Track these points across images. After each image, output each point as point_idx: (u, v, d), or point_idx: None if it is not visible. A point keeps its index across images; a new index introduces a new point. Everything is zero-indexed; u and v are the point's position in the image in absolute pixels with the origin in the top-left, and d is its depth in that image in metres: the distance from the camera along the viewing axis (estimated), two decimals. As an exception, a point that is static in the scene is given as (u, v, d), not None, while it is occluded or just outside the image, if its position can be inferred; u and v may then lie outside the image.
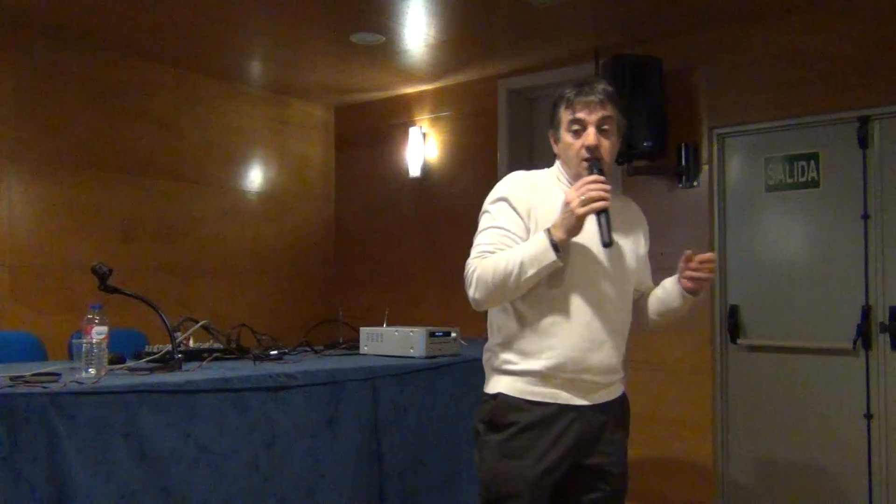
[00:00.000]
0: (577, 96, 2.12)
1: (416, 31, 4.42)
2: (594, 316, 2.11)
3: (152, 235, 4.93)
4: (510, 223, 2.11)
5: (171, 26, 4.35)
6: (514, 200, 2.13)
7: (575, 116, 2.12)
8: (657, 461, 4.49)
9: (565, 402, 2.11)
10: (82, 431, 1.96)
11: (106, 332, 2.28)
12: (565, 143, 2.16)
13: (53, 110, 4.50)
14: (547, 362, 2.09)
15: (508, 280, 2.00)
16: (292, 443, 2.47)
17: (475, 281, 2.06)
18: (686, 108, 4.44)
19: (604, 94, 2.12)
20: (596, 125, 2.11)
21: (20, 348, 3.50)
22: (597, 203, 1.96)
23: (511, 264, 2.00)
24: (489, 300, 2.09)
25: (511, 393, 2.13)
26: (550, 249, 1.98)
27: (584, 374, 2.11)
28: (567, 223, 1.98)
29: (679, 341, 4.43)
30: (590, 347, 2.10)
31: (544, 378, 2.10)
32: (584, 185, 1.98)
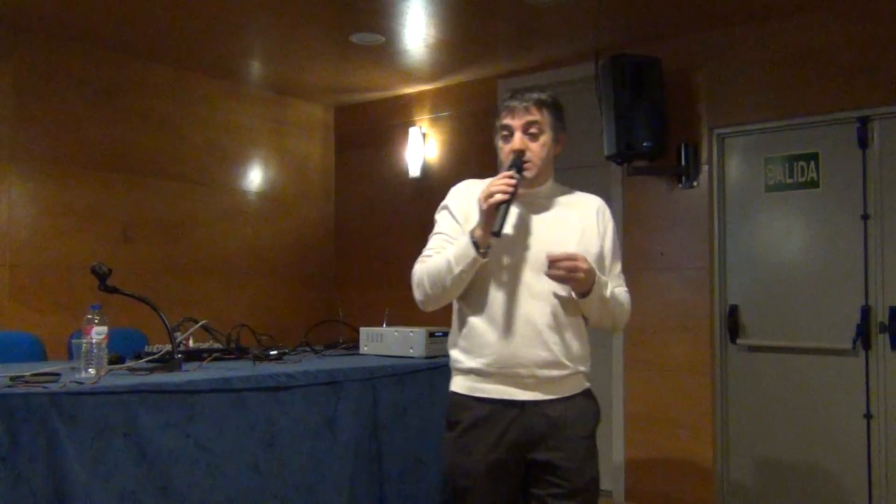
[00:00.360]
0: (507, 103, 2.25)
1: (416, 31, 4.42)
2: (525, 311, 2.16)
3: (152, 235, 4.93)
4: (449, 229, 2.25)
5: (171, 26, 4.35)
6: (453, 208, 2.28)
7: (502, 122, 2.25)
8: (657, 461, 4.49)
9: (508, 397, 2.16)
10: (82, 431, 1.96)
11: (106, 332, 2.28)
12: (498, 148, 2.29)
13: (53, 110, 4.50)
14: (483, 359, 2.17)
15: (441, 280, 2.13)
16: (292, 443, 2.47)
17: (415, 283, 2.20)
18: (686, 108, 4.44)
19: (531, 100, 2.23)
20: (522, 129, 2.21)
21: (20, 348, 3.50)
22: (495, 197, 2.04)
23: (441, 265, 2.13)
24: (429, 301, 2.20)
25: (460, 391, 2.23)
26: (471, 246, 2.08)
27: (520, 368, 2.15)
28: (481, 218, 2.09)
29: (679, 341, 4.43)
30: (522, 343, 2.14)
31: (484, 375, 2.18)
32: (493, 181, 2.09)
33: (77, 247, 4.53)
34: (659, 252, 4.53)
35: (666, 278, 4.49)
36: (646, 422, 4.53)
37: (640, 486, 4.55)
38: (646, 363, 4.55)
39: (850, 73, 3.97)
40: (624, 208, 4.67)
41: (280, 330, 3.76)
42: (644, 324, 4.56)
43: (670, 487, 4.43)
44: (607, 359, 4.75)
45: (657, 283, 4.52)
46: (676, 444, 4.41)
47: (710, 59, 4.39)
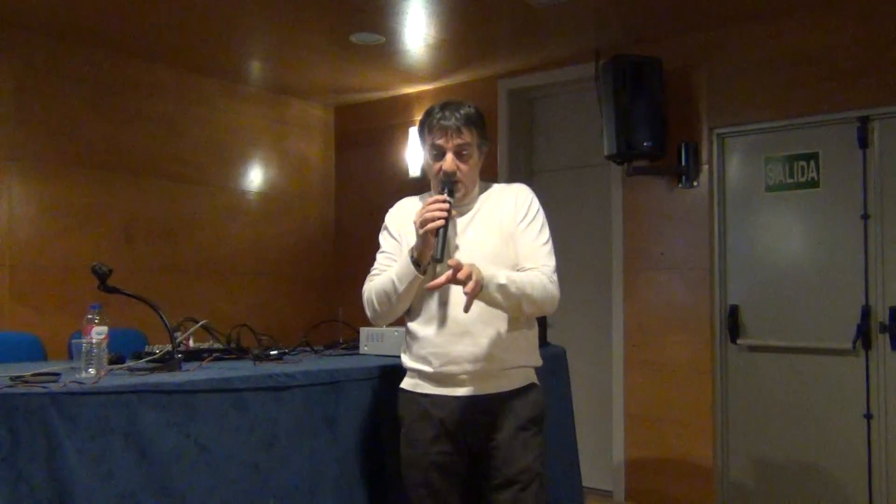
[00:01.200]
0: (439, 121, 2.26)
1: (416, 31, 4.42)
2: (451, 310, 2.25)
3: (152, 235, 4.93)
4: (390, 247, 2.41)
5: (171, 26, 4.35)
6: (391, 227, 2.44)
7: (435, 143, 2.29)
8: (657, 461, 4.49)
9: (442, 392, 2.28)
10: (82, 431, 1.95)
11: (106, 332, 2.28)
12: (427, 164, 2.36)
13: (53, 110, 4.50)
14: (422, 359, 2.31)
15: (388, 298, 2.28)
16: (292, 443, 2.47)
17: (365, 302, 2.37)
18: (686, 108, 4.44)
19: (463, 119, 2.26)
20: (454, 151, 2.27)
21: (20, 348, 3.50)
22: (432, 223, 2.12)
23: (386, 284, 2.28)
24: (379, 317, 2.35)
25: (406, 387, 2.39)
26: (411, 265, 2.21)
27: (451, 365, 2.26)
28: (417, 241, 2.20)
29: (679, 341, 4.43)
30: (450, 340, 2.25)
31: (422, 373, 2.32)
32: (427, 205, 2.17)
33: (77, 247, 4.53)
34: (659, 252, 4.53)
35: (666, 278, 4.49)
36: (646, 422, 4.53)
37: (640, 486, 4.55)
38: (646, 363, 4.55)
39: (850, 73, 3.97)
40: (624, 208, 4.67)
41: (280, 330, 3.75)
42: (644, 324, 4.56)
43: (670, 487, 4.43)
44: (607, 359, 4.75)
45: (657, 283, 4.52)
46: (676, 444, 4.41)
47: (710, 59, 4.39)
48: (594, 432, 4.72)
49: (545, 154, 5.26)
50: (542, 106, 5.34)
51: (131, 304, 2.61)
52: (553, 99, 5.27)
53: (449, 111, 2.28)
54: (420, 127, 2.37)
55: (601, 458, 4.73)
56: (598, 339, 4.85)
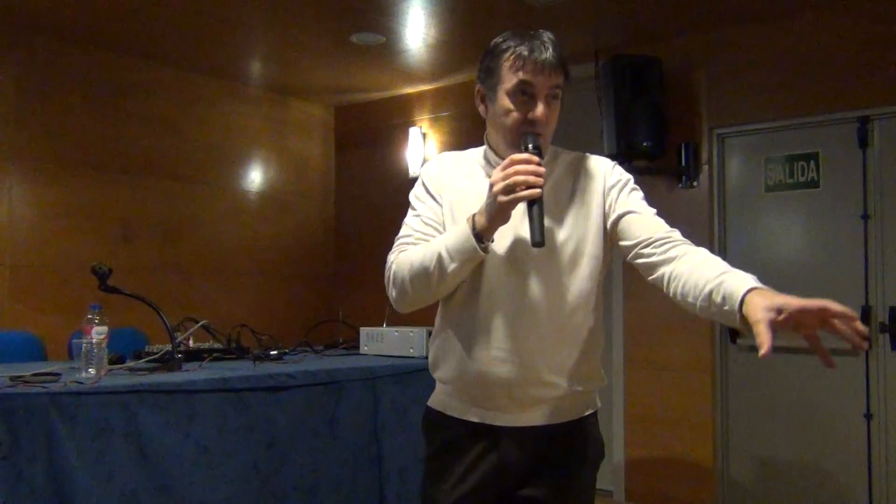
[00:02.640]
0: (531, 55, 1.68)
1: (416, 31, 4.42)
2: (512, 320, 1.72)
3: (152, 235, 4.93)
4: (427, 209, 1.81)
5: (171, 26, 4.35)
6: (429, 183, 1.84)
7: (524, 79, 1.68)
8: (657, 461, 4.49)
9: (478, 420, 1.77)
10: (82, 431, 1.96)
11: (106, 332, 2.28)
12: (503, 108, 1.72)
13: (54, 110, 4.50)
14: (451, 371, 1.78)
15: (428, 276, 1.68)
16: (292, 443, 2.47)
17: (393, 279, 1.75)
18: (686, 108, 4.44)
19: (559, 54, 1.71)
20: (547, 94, 1.71)
21: (20, 348, 3.50)
22: (524, 192, 1.58)
23: (429, 258, 1.67)
24: (410, 301, 1.76)
25: (434, 406, 1.86)
26: (472, 239, 1.63)
27: (495, 387, 1.73)
28: (490, 210, 1.62)
29: (679, 341, 4.43)
30: (501, 357, 1.71)
31: (454, 390, 1.80)
32: (512, 164, 1.60)
33: (77, 247, 4.53)
34: (659, 252, 4.52)
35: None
36: (646, 422, 4.53)
37: (640, 486, 4.55)
38: (646, 363, 4.55)
39: (850, 73, 3.97)
40: (624, 208, 4.67)
41: (280, 330, 3.76)
42: (644, 324, 4.56)
43: (670, 487, 4.43)
44: (607, 359, 4.75)
45: (657, 283, 4.51)
46: (676, 444, 4.41)
47: (710, 59, 4.39)
48: (594, 432, 4.71)
49: (545, 154, 5.25)
50: (542, 106, 5.33)
51: (131, 304, 2.61)
52: (553, 99, 5.26)
53: (539, 41, 1.69)
54: (495, 56, 1.73)
55: (601, 458, 4.72)
56: (598, 339, 4.85)
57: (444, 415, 1.82)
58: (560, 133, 1.85)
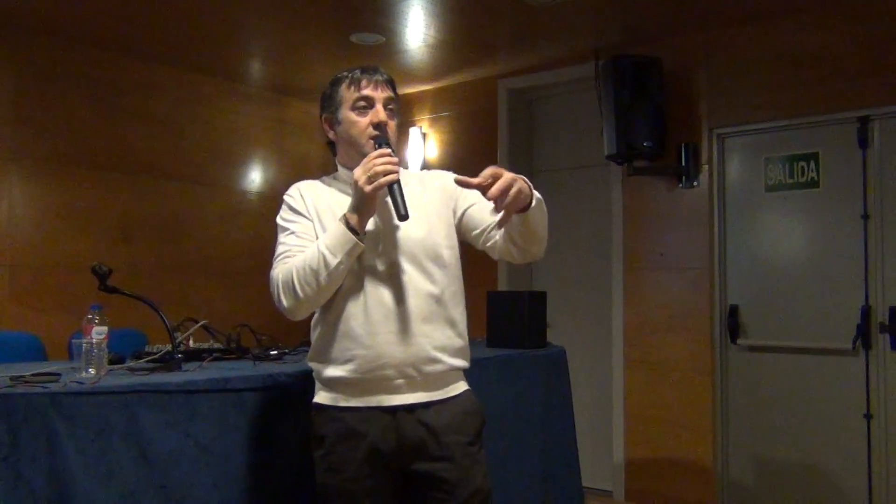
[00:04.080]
0: (363, 74, 2.05)
1: (416, 31, 4.42)
2: (395, 304, 1.93)
3: (152, 235, 4.93)
4: (301, 228, 2.03)
5: (171, 26, 4.35)
6: (299, 205, 2.07)
7: (362, 94, 2.03)
8: (657, 461, 4.49)
9: (377, 404, 1.94)
10: (82, 431, 1.95)
11: (106, 332, 2.28)
12: (349, 122, 2.04)
13: (53, 110, 4.50)
14: (347, 365, 1.94)
15: (316, 276, 1.86)
16: (292, 443, 2.47)
17: (281, 287, 1.93)
18: (686, 108, 4.44)
19: (387, 76, 2.08)
20: (382, 104, 2.02)
21: (20, 348, 3.50)
22: (385, 177, 1.83)
23: (313, 259, 1.87)
24: (301, 305, 1.92)
25: (324, 402, 2.00)
26: (349, 233, 1.85)
27: (390, 369, 1.92)
28: (359, 203, 1.86)
29: (679, 341, 4.43)
30: (393, 340, 1.92)
31: (349, 382, 1.95)
32: (370, 160, 1.86)
33: (77, 247, 4.52)
34: (659, 252, 4.53)
35: (666, 278, 4.49)
36: (646, 422, 4.53)
37: (640, 486, 4.55)
38: (646, 363, 4.55)
39: (849, 73, 3.97)
40: (624, 208, 4.67)
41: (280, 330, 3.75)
42: (644, 324, 4.56)
43: (670, 487, 4.43)
44: (607, 359, 4.75)
45: (657, 283, 4.52)
46: (676, 444, 4.41)
47: (710, 59, 4.39)
48: (594, 432, 4.72)
49: (545, 154, 5.25)
50: (542, 106, 5.34)
51: (131, 304, 2.61)
52: (553, 99, 5.27)
53: (372, 69, 2.07)
54: (333, 87, 2.10)
55: (601, 458, 4.73)
56: (598, 339, 4.85)
57: (337, 407, 1.97)
58: (561, 133, 1.92)
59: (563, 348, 3.46)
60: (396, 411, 1.94)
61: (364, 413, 1.94)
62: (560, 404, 3.37)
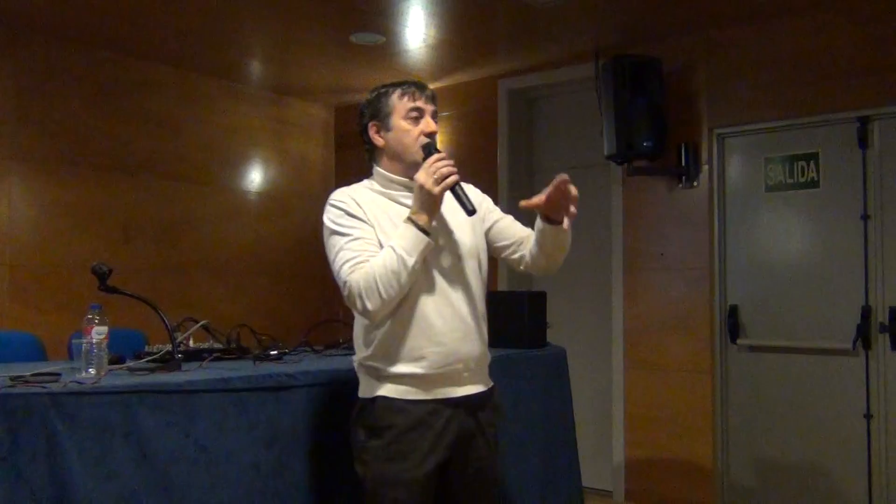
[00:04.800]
0: (416, 87, 2.19)
1: (416, 31, 4.42)
2: (456, 304, 2.12)
3: (152, 235, 4.93)
4: (363, 232, 2.13)
5: (171, 26, 4.35)
6: (357, 211, 2.18)
7: (416, 105, 2.17)
8: (657, 461, 4.49)
9: (443, 396, 2.09)
10: (82, 431, 1.95)
11: (106, 332, 2.28)
12: (402, 130, 2.18)
13: (53, 110, 4.50)
14: (424, 361, 2.07)
15: (396, 279, 1.98)
16: (292, 443, 2.47)
17: (363, 292, 2.00)
18: (686, 108, 4.44)
19: (432, 93, 2.23)
20: (430, 115, 2.18)
21: (20, 348, 3.50)
22: (450, 178, 2.01)
23: (391, 262, 1.98)
24: (383, 306, 2.01)
25: (391, 395, 2.09)
26: (420, 233, 2.00)
27: (457, 364, 2.10)
28: (426, 204, 2.01)
29: (679, 341, 4.43)
30: (460, 337, 2.10)
31: (421, 377, 2.08)
32: (432, 164, 2.02)
33: (77, 247, 4.53)
34: (659, 252, 4.53)
35: (666, 278, 4.49)
36: (646, 422, 4.53)
37: (640, 486, 4.55)
38: (646, 363, 4.55)
39: (849, 73, 3.97)
40: (624, 208, 4.67)
41: (280, 330, 3.76)
42: (644, 324, 4.56)
43: (670, 487, 4.43)
44: (607, 359, 4.75)
45: (657, 283, 4.52)
46: (676, 444, 4.41)
47: (710, 59, 4.39)
48: (594, 432, 4.72)
49: (545, 154, 5.25)
50: (542, 106, 5.34)
51: (131, 304, 2.61)
52: (553, 99, 5.27)
53: (419, 83, 2.23)
54: (382, 97, 2.24)
55: (601, 458, 4.73)
56: (598, 339, 4.85)
57: (405, 399, 2.07)
58: (561, 133, 2.01)
59: (563, 348, 3.46)
60: (458, 404, 2.11)
61: (431, 405, 2.07)
62: (560, 404, 3.37)
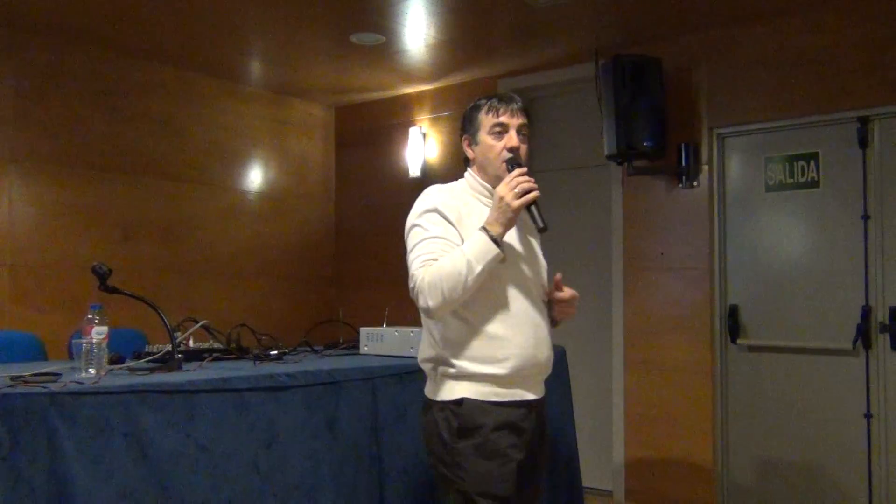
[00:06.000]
0: (500, 103, 2.26)
1: (416, 31, 4.42)
2: (533, 311, 2.23)
3: (152, 235, 4.93)
4: (445, 232, 2.16)
5: (171, 26, 4.35)
6: (444, 210, 2.19)
7: (499, 120, 2.24)
8: (657, 461, 4.49)
9: (520, 398, 2.19)
10: (82, 431, 1.96)
11: (106, 332, 2.28)
12: (486, 145, 2.26)
13: (53, 110, 4.50)
14: (506, 364, 2.15)
15: (460, 281, 2.05)
16: (292, 443, 2.48)
17: (427, 289, 2.07)
18: (686, 108, 4.44)
19: (522, 104, 2.30)
20: (516, 130, 2.25)
21: (20, 348, 3.50)
22: (530, 194, 2.09)
23: (459, 265, 2.05)
24: (444, 305, 2.08)
25: (476, 397, 2.15)
26: (492, 244, 2.07)
27: (534, 368, 2.21)
28: (503, 217, 2.09)
29: (679, 341, 4.43)
30: (536, 343, 2.21)
31: (505, 380, 2.16)
32: (514, 178, 2.11)
33: (77, 247, 4.53)
34: (659, 252, 4.53)
35: (666, 278, 4.49)
36: (646, 422, 4.53)
37: (640, 486, 4.55)
38: (646, 363, 4.55)
39: (849, 73, 3.97)
40: (624, 208, 4.67)
41: (280, 330, 3.76)
42: (644, 324, 4.56)
43: (670, 487, 4.43)
44: (607, 359, 4.75)
45: (657, 283, 4.52)
46: (676, 444, 4.41)
47: (710, 59, 4.39)
48: (594, 432, 4.72)
49: (545, 154, 5.25)
50: (542, 106, 5.33)
51: (131, 304, 2.61)
52: (553, 99, 5.27)
53: (509, 97, 2.30)
54: (473, 111, 2.31)
55: (601, 458, 4.73)
56: (597, 339, 4.85)
57: (488, 402, 2.15)
58: (561, 133, 2.03)
59: (563, 348, 3.46)
60: (532, 405, 2.22)
61: (513, 407, 2.17)
62: (560, 404, 3.37)
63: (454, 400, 2.16)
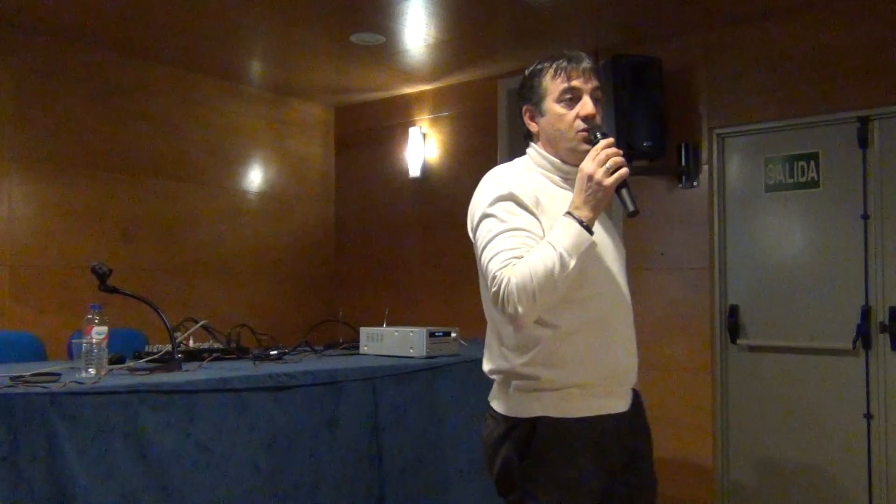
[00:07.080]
0: (570, 63, 1.91)
1: (416, 31, 4.42)
2: (622, 316, 1.92)
3: (152, 235, 4.93)
4: (526, 223, 1.81)
5: (171, 26, 4.35)
6: (521, 195, 1.83)
7: (570, 85, 1.89)
8: (657, 461, 4.47)
9: (611, 411, 1.91)
10: (82, 431, 1.96)
11: (106, 332, 2.28)
12: (555, 115, 1.91)
13: (53, 110, 4.50)
14: (594, 374, 1.86)
15: (554, 280, 1.70)
16: (292, 443, 2.48)
17: (516, 293, 1.71)
18: (686, 108, 4.44)
19: (593, 62, 1.94)
20: (590, 94, 1.90)
21: (20, 348, 3.50)
22: (623, 170, 1.76)
23: (550, 262, 1.69)
24: (535, 311, 1.74)
25: (555, 414, 1.85)
26: (584, 232, 1.73)
27: (623, 376, 1.93)
28: (593, 198, 1.75)
29: (679, 341, 4.43)
30: (625, 351, 1.93)
31: (591, 392, 1.87)
32: (602, 150, 1.78)
33: (77, 247, 4.53)
34: (659, 252, 4.53)
35: (666, 278, 4.49)
36: (646, 422, 4.53)
37: (640, 486, 4.55)
38: (646, 363, 4.52)
39: (849, 73, 3.97)
40: (624, 208, 4.67)
41: (280, 330, 3.76)
42: (644, 324, 4.54)
43: (670, 487, 4.43)
44: (607, 359, 4.74)
45: (657, 283, 4.52)
46: (676, 444, 4.41)
47: (710, 59, 4.39)
48: (594, 432, 4.71)
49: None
50: (542, 106, 5.33)
51: (131, 304, 2.61)
52: (553, 99, 5.26)
53: (576, 56, 1.92)
54: (535, 76, 1.97)
55: (601, 458, 4.72)
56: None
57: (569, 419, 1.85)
58: None
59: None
60: (618, 417, 1.93)
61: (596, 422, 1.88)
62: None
63: (529, 418, 1.86)
